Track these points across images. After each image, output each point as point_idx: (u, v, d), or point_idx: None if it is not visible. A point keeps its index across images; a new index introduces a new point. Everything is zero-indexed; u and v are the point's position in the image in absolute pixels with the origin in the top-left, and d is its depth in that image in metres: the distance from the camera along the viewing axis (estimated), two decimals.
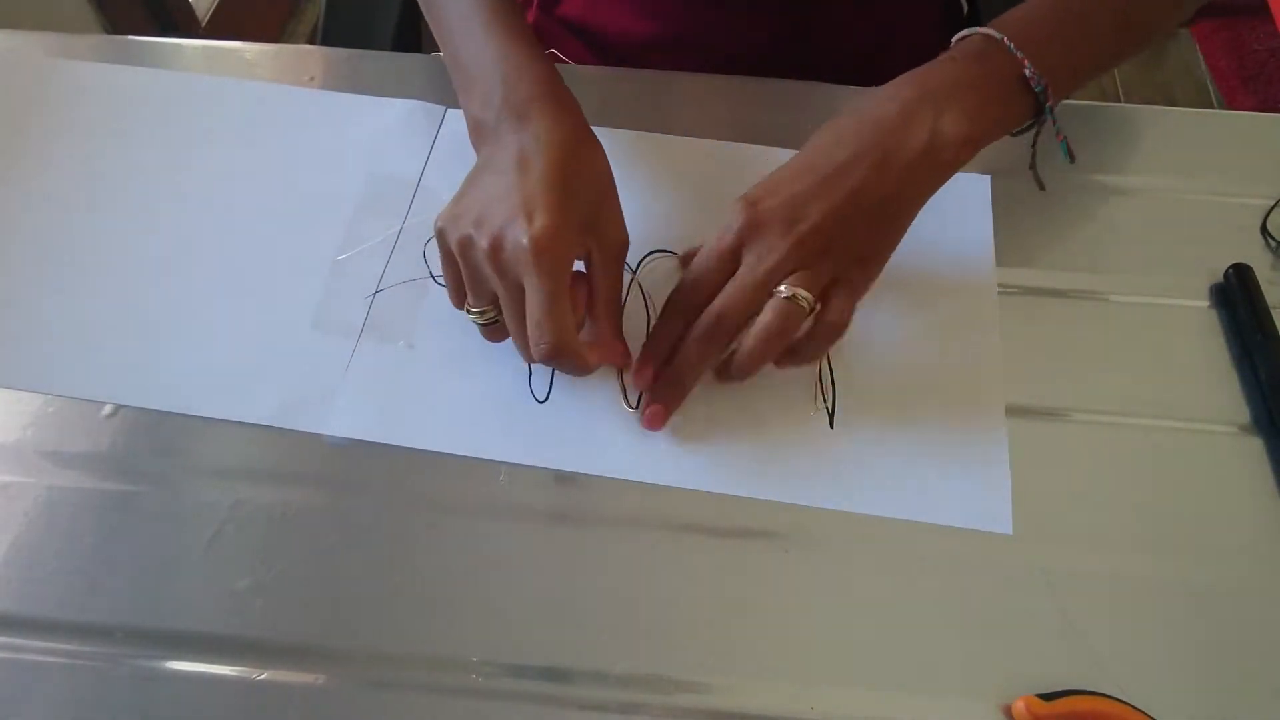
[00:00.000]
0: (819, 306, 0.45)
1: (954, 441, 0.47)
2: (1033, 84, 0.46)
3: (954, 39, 0.49)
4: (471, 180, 0.46)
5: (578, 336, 0.44)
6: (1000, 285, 0.53)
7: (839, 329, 0.45)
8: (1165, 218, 0.56)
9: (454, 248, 0.44)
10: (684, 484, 0.46)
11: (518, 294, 0.43)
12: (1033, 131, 0.50)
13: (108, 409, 0.49)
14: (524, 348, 0.44)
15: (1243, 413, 0.49)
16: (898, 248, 0.48)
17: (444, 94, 0.61)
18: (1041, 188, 0.53)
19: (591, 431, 0.48)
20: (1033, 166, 0.52)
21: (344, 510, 0.46)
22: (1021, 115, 0.48)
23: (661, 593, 0.44)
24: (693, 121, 0.60)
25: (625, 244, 0.46)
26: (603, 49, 0.70)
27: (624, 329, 0.48)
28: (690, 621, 0.43)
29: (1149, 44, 0.53)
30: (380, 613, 0.43)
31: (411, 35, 0.81)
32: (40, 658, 0.42)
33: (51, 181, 0.57)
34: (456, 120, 0.60)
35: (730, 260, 0.45)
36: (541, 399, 0.49)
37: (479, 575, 0.44)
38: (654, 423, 0.47)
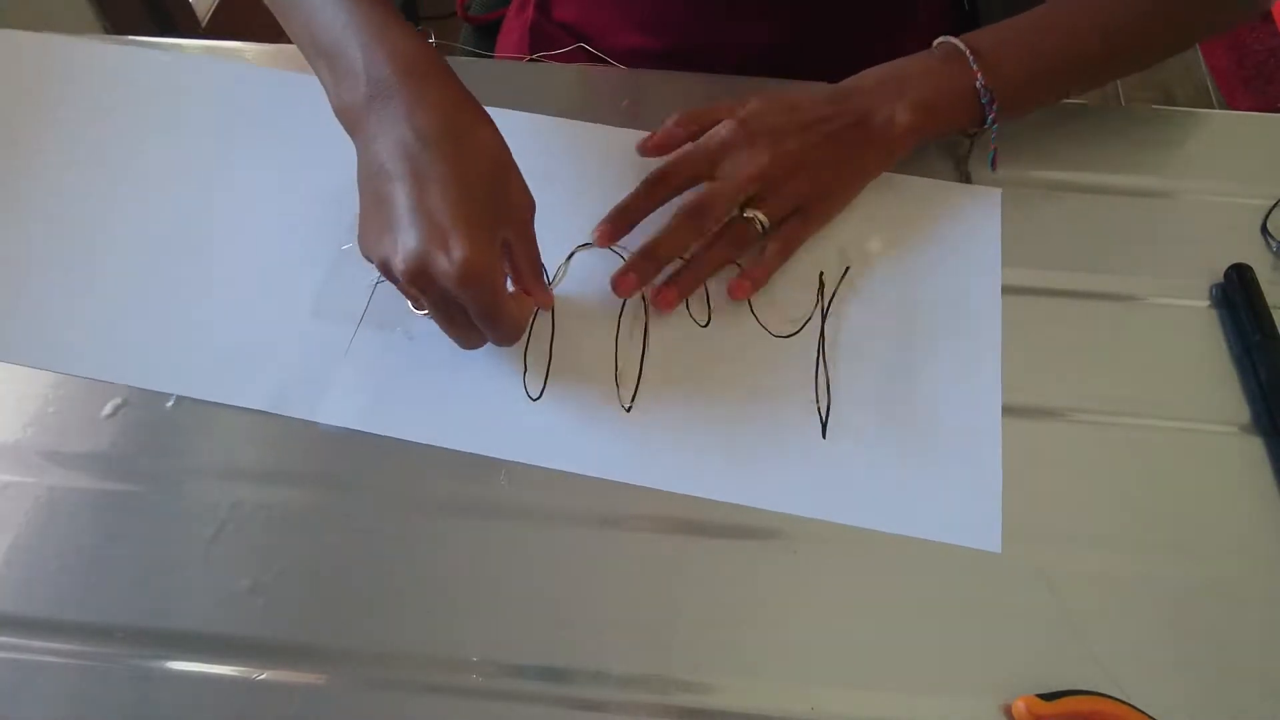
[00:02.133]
0: (769, 228, 0.51)
1: (947, 457, 0.47)
2: (980, 96, 0.52)
3: (935, 42, 0.55)
4: (368, 190, 0.43)
5: (524, 318, 0.46)
6: (1001, 285, 0.53)
7: (785, 253, 0.52)
8: (1165, 218, 0.56)
9: (377, 268, 0.43)
10: (674, 488, 0.46)
11: (450, 308, 0.43)
12: (977, 135, 0.56)
13: (108, 409, 0.49)
14: (466, 341, 0.46)
15: (1243, 413, 0.49)
16: (902, 261, 0.50)
17: None
18: (967, 180, 0.57)
19: (584, 432, 0.48)
20: (966, 158, 0.57)
21: (344, 510, 0.46)
22: (970, 121, 0.54)
23: (661, 593, 0.44)
24: None
25: (532, 206, 0.46)
26: (601, 54, 0.70)
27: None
28: (690, 621, 0.43)
29: (1138, 69, 0.57)
30: (380, 613, 0.43)
31: None
32: (40, 658, 0.42)
33: (58, 166, 0.58)
34: None
35: (707, 160, 0.51)
36: (535, 397, 0.49)
37: (479, 575, 0.44)
38: (624, 288, 0.49)
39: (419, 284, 0.41)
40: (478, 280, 0.40)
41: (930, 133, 0.54)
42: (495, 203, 0.43)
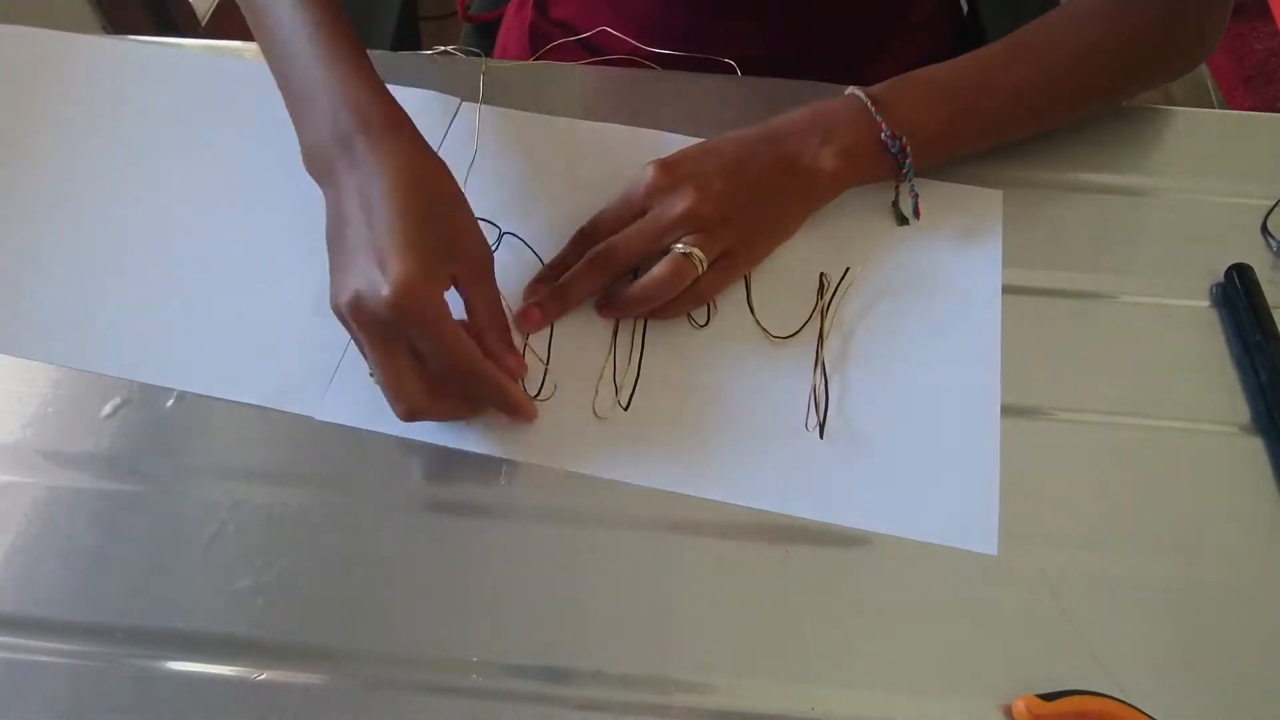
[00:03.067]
0: (705, 270, 0.49)
1: (946, 459, 0.47)
2: (889, 147, 0.52)
3: (845, 91, 0.54)
4: (331, 240, 0.45)
5: (483, 361, 0.44)
6: (1002, 285, 0.53)
7: (704, 298, 0.51)
8: (1165, 218, 0.56)
9: (340, 320, 0.44)
10: (671, 487, 0.46)
11: (390, 348, 0.42)
12: (902, 181, 0.54)
13: (107, 409, 0.49)
14: (404, 403, 0.43)
15: (1243, 413, 0.49)
16: (903, 261, 0.49)
17: (451, 90, 0.61)
18: (902, 222, 0.55)
19: (582, 431, 0.48)
20: (895, 204, 0.55)
21: (344, 510, 0.46)
22: (887, 168, 0.54)
23: (661, 593, 0.44)
24: (690, 121, 0.60)
25: (489, 257, 0.47)
26: (598, 52, 0.70)
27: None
28: (690, 621, 0.43)
29: (1060, 124, 0.58)
30: (380, 613, 0.43)
31: (411, 35, 0.81)
32: (40, 658, 0.42)
33: (61, 161, 0.58)
34: (470, 113, 0.60)
35: (636, 210, 0.50)
36: (533, 396, 0.49)
37: (479, 575, 0.44)
38: (525, 323, 0.50)
39: (358, 318, 0.41)
40: (413, 301, 0.40)
41: (854, 179, 0.54)
42: (444, 240, 0.43)
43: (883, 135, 0.51)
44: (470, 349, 0.43)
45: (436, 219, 0.43)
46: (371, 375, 0.44)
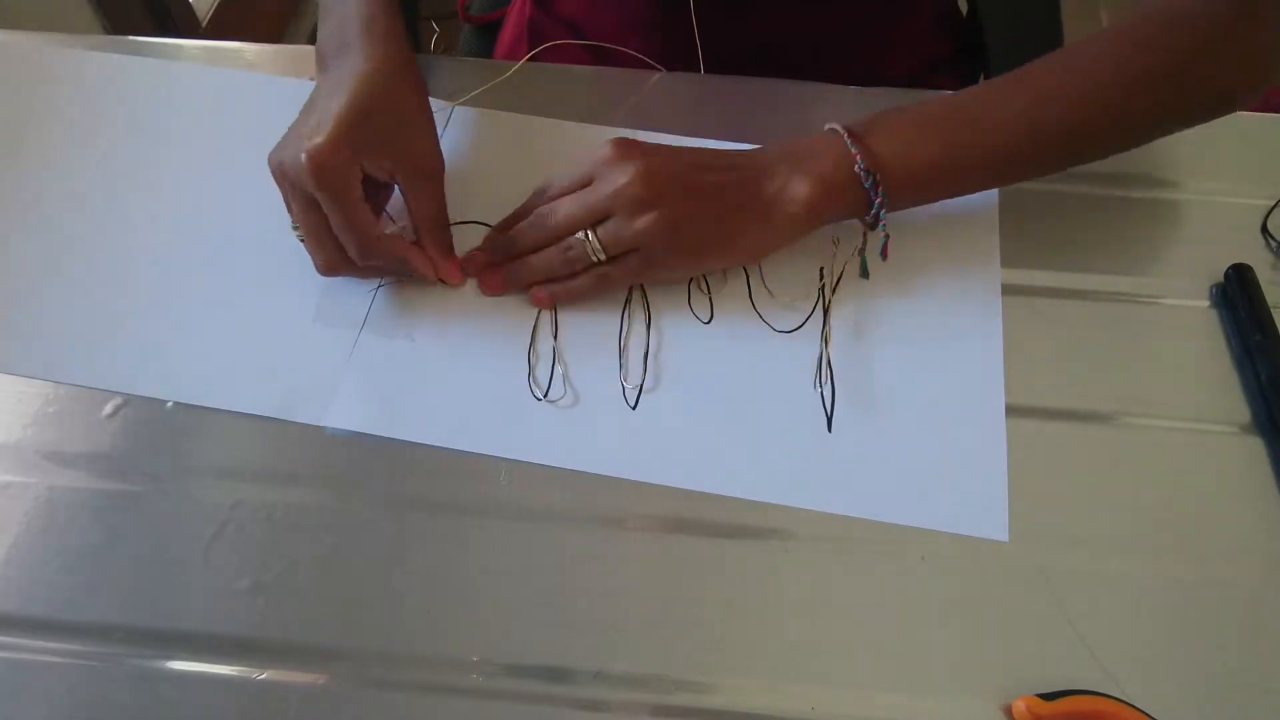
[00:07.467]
0: (603, 260, 0.49)
1: (952, 447, 0.47)
2: (862, 180, 0.48)
3: (825, 126, 0.51)
4: (299, 115, 0.50)
5: (377, 236, 0.48)
6: (1001, 284, 0.53)
7: (609, 286, 0.51)
8: (1165, 218, 0.56)
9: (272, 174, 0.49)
10: (682, 483, 0.46)
11: (306, 207, 0.47)
12: (870, 218, 0.50)
13: (108, 409, 0.49)
14: (321, 256, 0.49)
15: (1243, 413, 0.49)
16: (900, 250, 0.48)
17: (446, 92, 0.61)
18: (864, 275, 0.53)
19: (591, 430, 0.48)
20: (860, 252, 0.53)
21: (344, 510, 0.46)
22: (861, 204, 0.50)
23: (661, 593, 0.44)
24: (691, 121, 0.60)
25: (435, 166, 0.50)
26: (600, 49, 0.71)
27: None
28: (690, 621, 0.43)
29: (1067, 166, 0.53)
30: (380, 613, 0.43)
31: (411, 35, 0.81)
32: (40, 658, 0.42)
33: (57, 173, 0.57)
34: (462, 116, 0.60)
35: (582, 180, 0.50)
36: (540, 396, 0.49)
37: (479, 575, 0.44)
38: (485, 285, 0.52)
39: (281, 176, 0.47)
40: (319, 169, 0.45)
41: (828, 209, 0.50)
42: (384, 136, 0.47)
43: (856, 168, 0.48)
44: (366, 222, 0.47)
45: (385, 115, 0.47)
46: (294, 230, 0.50)
